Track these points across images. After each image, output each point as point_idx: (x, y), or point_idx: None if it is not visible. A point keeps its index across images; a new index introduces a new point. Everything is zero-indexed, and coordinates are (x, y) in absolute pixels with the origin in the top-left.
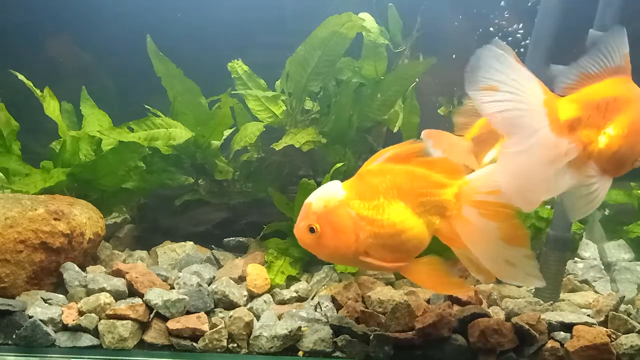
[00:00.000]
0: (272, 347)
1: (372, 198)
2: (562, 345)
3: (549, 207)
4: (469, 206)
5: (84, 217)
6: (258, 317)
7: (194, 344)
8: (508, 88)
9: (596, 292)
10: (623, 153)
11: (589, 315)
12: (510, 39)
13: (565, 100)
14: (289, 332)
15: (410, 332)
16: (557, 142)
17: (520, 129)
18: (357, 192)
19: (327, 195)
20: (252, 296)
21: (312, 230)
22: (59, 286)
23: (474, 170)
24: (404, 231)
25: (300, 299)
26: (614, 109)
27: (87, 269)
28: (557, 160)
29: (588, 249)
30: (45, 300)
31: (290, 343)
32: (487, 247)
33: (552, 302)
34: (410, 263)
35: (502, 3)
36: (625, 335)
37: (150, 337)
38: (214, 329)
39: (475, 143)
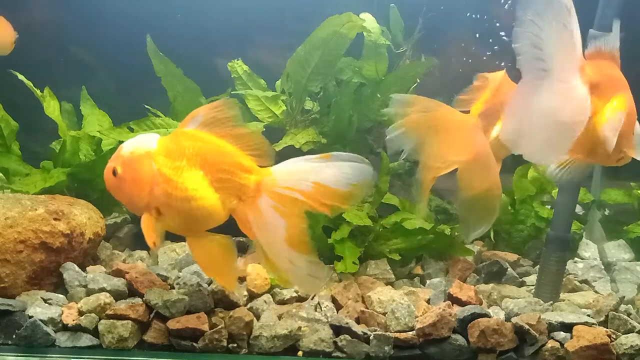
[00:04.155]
0: (272, 347)
1: (176, 159)
2: (562, 345)
3: (549, 207)
4: (267, 196)
5: (84, 217)
6: (258, 317)
7: (194, 344)
8: (574, 21)
9: (596, 292)
10: (620, 134)
11: (589, 315)
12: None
13: (588, 63)
14: (289, 332)
15: (410, 332)
16: (585, 96)
17: (562, 65)
18: (166, 149)
19: (138, 143)
20: (252, 296)
21: (115, 172)
22: (59, 286)
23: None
24: (194, 199)
25: (300, 299)
26: (617, 88)
27: (87, 269)
28: (581, 114)
29: (588, 249)
30: (45, 300)
31: (290, 343)
32: (272, 242)
33: (552, 302)
34: (198, 235)
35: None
36: (625, 335)
37: (150, 337)
38: (214, 329)
39: (482, 118)
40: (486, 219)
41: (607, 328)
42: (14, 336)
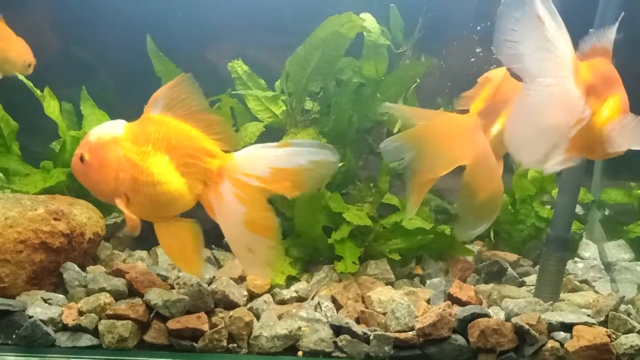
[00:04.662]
0: (272, 347)
1: (142, 144)
2: (562, 345)
3: (549, 207)
4: (228, 182)
5: (84, 217)
6: (258, 317)
7: (194, 344)
8: (553, 27)
9: (596, 292)
10: None
11: (589, 315)
12: None
13: (583, 64)
14: (289, 332)
15: (410, 332)
16: (578, 98)
17: (549, 72)
18: (133, 135)
19: (105, 129)
20: (252, 296)
21: (82, 159)
22: (59, 286)
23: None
24: (160, 183)
25: (300, 299)
26: (613, 85)
27: (87, 269)
28: (573, 117)
29: (588, 249)
30: (45, 300)
31: (290, 343)
32: (231, 227)
33: (552, 302)
34: (164, 220)
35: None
36: (625, 335)
37: (150, 337)
38: (214, 329)
39: (482, 116)
40: (487, 218)
41: (607, 328)
42: (14, 336)
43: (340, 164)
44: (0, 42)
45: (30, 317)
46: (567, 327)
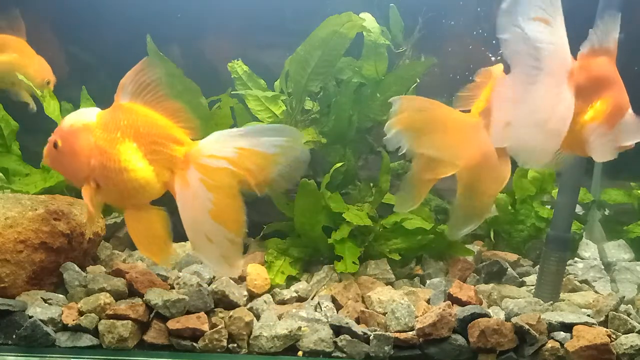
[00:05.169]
0: (272, 347)
1: (112, 131)
2: (562, 345)
3: (549, 207)
4: (194, 169)
5: (84, 217)
6: (258, 317)
7: (194, 344)
8: (556, 30)
9: (596, 292)
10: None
11: (589, 315)
12: None
13: (578, 65)
14: (289, 332)
15: (410, 332)
16: (572, 100)
17: (548, 75)
18: (104, 122)
19: (78, 117)
20: (252, 296)
21: (56, 145)
22: (59, 286)
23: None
24: (127, 170)
25: (300, 299)
26: (605, 87)
27: (87, 269)
28: (566, 121)
29: (588, 249)
30: (45, 300)
31: (290, 343)
32: (193, 214)
33: (552, 302)
34: (134, 208)
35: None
36: (625, 335)
37: (150, 337)
38: (214, 329)
39: (484, 116)
40: (476, 218)
41: (607, 328)
42: (14, 336)
43: (340, 164)
44: (20, 60)
45: (30, 317)
46: (567, 327)
